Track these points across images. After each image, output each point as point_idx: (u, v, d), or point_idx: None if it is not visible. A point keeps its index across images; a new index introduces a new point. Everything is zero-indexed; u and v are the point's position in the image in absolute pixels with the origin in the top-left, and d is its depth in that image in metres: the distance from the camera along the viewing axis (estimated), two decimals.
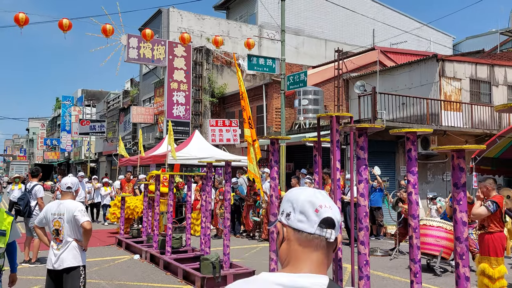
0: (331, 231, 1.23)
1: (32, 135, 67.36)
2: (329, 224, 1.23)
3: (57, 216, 4.29)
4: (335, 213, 1.25)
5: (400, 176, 14.27)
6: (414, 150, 3.66)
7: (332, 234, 1.23)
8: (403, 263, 8.58)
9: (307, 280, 1.16)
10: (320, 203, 1.24)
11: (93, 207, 15.79)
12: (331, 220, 1.23)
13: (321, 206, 1.23)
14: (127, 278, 7.31)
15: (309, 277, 1.17)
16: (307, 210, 1.24)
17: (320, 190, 1.30)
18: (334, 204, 1.27)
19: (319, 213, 1.23)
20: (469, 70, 16.28)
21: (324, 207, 1.23)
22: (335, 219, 1.24)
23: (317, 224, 1.22)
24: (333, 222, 1.23)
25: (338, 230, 1.24)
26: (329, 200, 1.26)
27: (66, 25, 11.61)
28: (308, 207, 1.24)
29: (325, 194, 1.29)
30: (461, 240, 2.97)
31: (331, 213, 1.23)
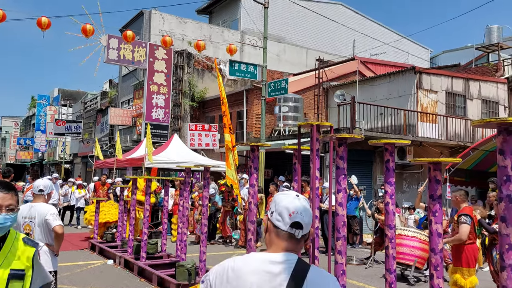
0: (299, 231, 1.67)
1: (5, 134, 65.48)
2: (298, 226, 1.66)
3: (28, 220, 4.14)
4: (304, 218, 1.67)
5: (376, 185, 14.47)
6: (392, 161, 3.70)
7: (299, 233, 1.67)
8: (378, 272, 8.66)
9: (279, 256, 1.64)
10: (294, 210, 1.66)
11: (65, 210, 15.40)
12: (300, 224, 1.66)
13: (294, 212, 1.66)
14: (100, 284, 7.14)
15: (282, 255, 1.65)
16: (283, 214, 1.67)
17: (300, 196, 1.71)
18: (306, 209, 1.68)
19: (291, 217, 1.66)
20: (445, 83, 16.70)
21: (296, 213, 1.66)
22: (303, 222, 1.66)
23: (289, 225, 1.66)
24: (301, 225, 1.66)
25: (306, 229, 1.68)
26: (303, 207, 1.68)
27: (45, 24, 11.35)
28: (284, 212, 1.67)
29: (303, 200, 1.71)
30: (435, 251, 3.01)
31: (300, 218, 1.66)
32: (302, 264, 1.65)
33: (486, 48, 22.88)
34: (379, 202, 9.38)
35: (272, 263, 1.63)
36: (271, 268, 1.62)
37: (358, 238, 11.91)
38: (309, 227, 1.69)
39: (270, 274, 1.61)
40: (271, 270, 1.61)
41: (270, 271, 1.61)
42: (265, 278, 1.61)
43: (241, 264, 1.66)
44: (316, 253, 4.40)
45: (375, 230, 9.52)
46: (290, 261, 1.63)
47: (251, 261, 1.65)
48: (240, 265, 1.65)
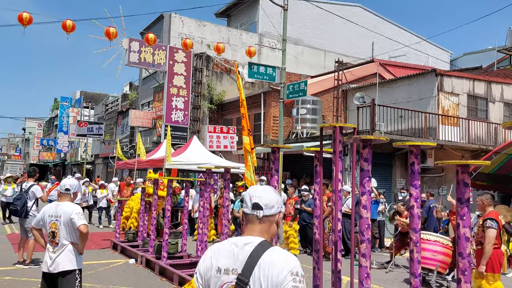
0: (259, 211, 1.88)
1: (28, 135, 66.97)
2: (257, 207, 1.88)
3: (54, 218, 4.23)
4: (262, 200, 1.89)
5: (396, 189, 14.31)
6: (418, 164, 3.68)
7: (259, 213, 1.88)
8: (398, 276, 8.57)
9: (245, 239, 1.85)
10: (253, 194, 1.91)
11: (83, 210, 15.69)
12: (258, 204, 1.88)
13: (253, 196, 1.90)
14: (123, 283, 7.26)
15: (247, 238, 1.85)
16: (247, 199, 1.92)
17: (265, 187, 1.96)
18: (266, 192, 1.92)
19: (251, 200, 1.90)
20: (467, 85, 16.43)
21: (255, 197, 1.90)
22: (261, 203, 1.88)
23: (251, 207, 1.89)
24: (260, 205, 1.88)
25: (267, 210, 1.88)
26: (262, 190, 1.92)
27: (69, 26, 11.61)
28: (247, 197, 1.92)
29: (265, 186, 1.98)
30: (463, 255, 2.99)
31: (258, 200, 1.89)
32: (262, 246, 1.80)
33: (508, 51, 22.43)
34: (400, 205, 9.28)
35: (236, 245, 1.83)
36: (234, 250, 1.82)
37: (377, 242, 11.80)
38: (271, 209, 1.88)
39: (233, 255, 1.82)
40: (234, 251, 1.82)
41: (234, 252, 1.82)
42: (229, 259, 1.82)
43: (218, 247, 1.91)
44: (338, 256, 4.39)
45: (395, 233, 9.43)
46: (253, 243, 1.81)
47: (225, 244, 1.89)
48: (217, 247, 1.91)
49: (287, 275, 1.72)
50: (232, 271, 1.80)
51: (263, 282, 1.73)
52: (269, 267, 1.73)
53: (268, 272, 1.73)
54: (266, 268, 1.73)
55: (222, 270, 1.82)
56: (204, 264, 1.89)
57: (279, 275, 1.72)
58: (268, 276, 1.72)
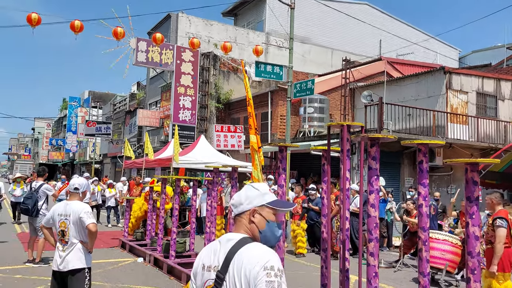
0: (233, 213, 1.92)
1: (38, 135, 67.59)
2: (232, 207, 1.93)
3: (63, 217, 4.27)
4: (233, 200, 1.92)
5: (404, 188, 14.23)
6: (426, 162, 3.66)
7: (233, 214, 1.92)
8: (407, 276, 8.53)
9: (229, 235, 1.85)
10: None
11: (92, 209, 15.80)
12: (231, 205, 1.93)
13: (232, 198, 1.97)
14: (131, 281, 7.31)
15: (231, 234, 1.86)
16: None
17: (248, 185, 1.94)
18: (237, 194, 1.91)
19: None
20: (476, 83, 16.28)
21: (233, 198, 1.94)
22: (231, 203, 1.92)
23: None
24: (231, 206, 1.95)
25: (236, 209, 1.89)
26: (239, 193, 1.91)
27: (78, 27, 11.69)
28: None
29: (246, 188, 1.93)
30: (473, 254, 2.96)
31: (230, 201, 1.96)
32: (241, 242, 1.79)
33: None
34: (409, 203, 9.23)
35: (220, 242, 1.86)
36: (217, 246, 1.84)
37: (385, 241, 11.75)
38: (238, 207, 1.89)
39: (215, 251, 1.84)
40: (217, 248, 1.84)
41: (216, 249, 1.84)
42: (212, 255, 1.85)
43: (208, 245, 1.94)
44: (346, 255, 4.38)
45: (404, 233, 9.38)
46: (234, 239, 1.81)
47: (213, 242, 1.93)
48: (207, 246, 1.94)
49: (260, 270, 1.65)
50: (213, 268, 1.80)
51: (237, 278, 1.70)
52: (243, 262, 1.70)
53: (241, 267, 1.69)
54: (240, 264, 1.71)
55: (206, 267, 1.84)
56: (195, 263, 1.94)
57: (251, 270, 1.66)
58: (241, 271, 1.69)
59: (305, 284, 7.30)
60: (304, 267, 9.07)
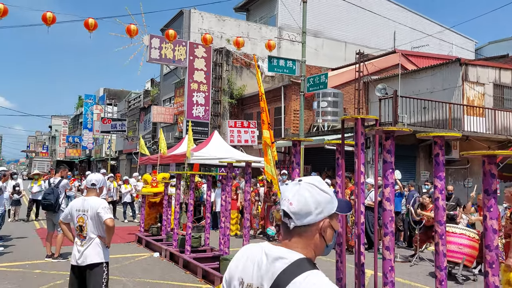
0: (288, 220, 1.42)
1: (55, 132, 68.68)
2: (286, 215, 1.42)
3: (81, 213, 4.33)
4: (293, 206, 1.41)
5: (420, 181, 14.08)
6: (442, 155, 3.61)
7: (289, 223, 1.42)
8: (423, 270, 8.46)
9: (279, 251, 1.40)
10: (284, 195, 1.44)
11: (109, 204, 16.01)
12: (284, 211, 1.43)
13: (283, 198, 1.44)
14: (148, 276, 7.40)
15: (282, 251, 1.40)
16: (280, 202, 1.47)
17: (300, 181, 1.46)
18: (296, 194, 1.42)
19: (281, 204, 1.45)
20: (493, 75, 15.98)
21: (284, 200, 1.44)
22: (289, 210, 1.41)
23: (282, 213, 1.45)
24: (288, 214, 1.42)
25: (298, 219, 1.40)
26: (292, 191, 1.43)
27: (92, 25, 11.81)
28: (281, 197, 1.48)
29: (295, 184, 1.45)
30: (491, 248, 2.92)
31: (285, 205, 1.42)
32: (298, 266, 1.35)
33: None
34: (424, 197, 9.13)
35: (267, 256, 1.41)
36: (263, 262, 1.41)
37: (402, 235, 11.66)
38: (305, 218, 1.41)
39: (261, 269, 1.41)
40: (262, 264, 1.41)
41: (262, 265, 1.41)
42: (255, 272, 1.42)
43: (248, 253, 1.50)
44: (361, 249, 4.37)
45: (419, 226, 9.29)
46: (287, 259, 1.37)
47: (256, 250, 1.47)
48: (247, 253, 1.51)
49: None
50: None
51: None
52: None
53: None
54: None
55: (245, 284, 1.45)
56: (229, 270, 1.54)
57: None
58: None
59: None
60: (318, 261, 9.07)
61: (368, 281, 6.85)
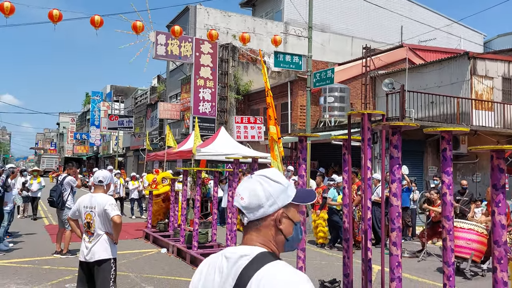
0: (242, 216, 1.37)
1: (62, 129, 69.21)
2: (239, 211, 1.38)
3: (89, 209, 4.37)
4: (243, 200, 1.35)
5: (428, 176, 13.99)
6: (450, 150, 3.58)
7: (243, 218, 1.37)
8: (431, 265, 8.42)
9: (241, 249, 1.33)
10: (237, 192, 1.39)
11: (115, 201, 16.06)
12: (238, 207, 1.38)
13: (236, 195, 1.39)
14: (155, 271, 7.45)
15: (243, 248, 1.34)
16: None
17: (254, 177, 1.39)
18: (246, 188, 1.36)
19: (235, 201, 1.40)
20: (502, 68, 15.80)
21: (236, 196, 1.39)
22: (239, 205, 1.36)
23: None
24: (239, 209, 1.37)
25: (251, 213, 1.35)
26: (243, 186, 1.37)
27: (98, 22, 11.84)
28: None
29: (249, 178, 1.39)
30: (499, 243, 2.90)
31: (236, 201, 1.38)
32: (259, 260, 1.28)
33: None
34: (432, 192, 9.08)
35: (228, 258, 1.33)
36: (222, 263, 1.34)
37: (410, 231, 11.61)
38: (256, 212, 1.34)
39: (220, 270, 1.34)
40: (221, 265, 1.34)
41: (221, 266, 1.34)
42: (214, 275, 1.34)
43: (210, 260, 1.41)
44: (368, 245, 4.35)
45: (427, 222, 9.25)
46: (248, 256, 1.29)
47: (217, 257, 1.38)
48: (209, 261, 1.41)
49: None
50: None
51: None
52: None
53: None
54: None
55: None
56: (192, 285, 1.42)
57: None
58: None
59: (328, 274, 7.30)
60: (326, 257, 9.06)
61: (375, 277, 6.84)
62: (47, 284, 6.57)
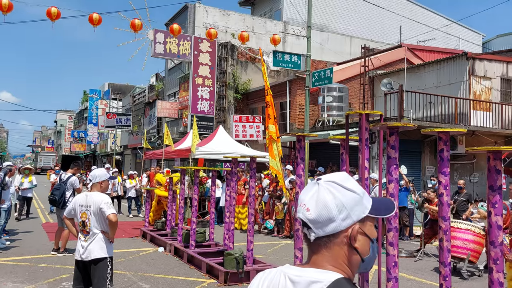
0: (308, 231, 1.13)
1: (60, 127, 69.09)
2: (305, 225, 1.14)
3: (84, 208, 4.36)
4: (309, 212, 1.12)
5: (426, 176, 14.02)
6: (447, 150, 3.58)
7: (309, 234, 1.13)
8: (428, 265, 8.44)
9: (310, 274, 1.09)
10: (300, 202, 1.16)
11: (113, 200, 16.02)
12: (302, 221, 1.14)
13: (300, 204, 1.15)
14: (152, 270, 7.44)
15: (312, 272, 1.09)
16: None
17: (319, 180, 1.16)
18: (313, 198, 1.13)
19: (298, 212, 1.16)
20: (500, 69, 15.82)
21: (300, 206, 1.15)
22: (304, 218, 1.12)
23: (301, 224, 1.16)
24: (305, 223, 1.13)
25: (320, 230, 1.11)
26: (310, 195, 1.14)
27: (96, 20, 11.81)
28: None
29: (313, 184, 1.16)
30: (495, 244, 2.90)
31: (301, 212, 1.14)
32: None
33: None
34: (430, 191, 9.09)
35: (290, 280, 1.11)
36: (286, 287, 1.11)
37: (408, 230, 11.63)
38: (326, 226, 1.11)
39: None
40: None
41: None
42: None
43: (268, 284, 1.15)
44: None
45: (425, 222, 9.26)
46: (321, 283, 1.06)
47: (279, 277, 1.13)
48: (267, 283, 1.16)
49: None
50: None
51: None
52: None
53: None
54: None
55: None
56: None
57: None
58: None
59: None
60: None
61: (372, 277, 6.85)
62: (44, 283, 6.56)
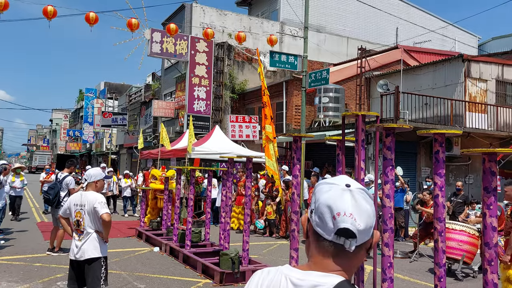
0: (350, 241, 1.09)
1: (55, 126, 68.78)
2: (348, 235, 1.08)
3: (79, 207, 4.35)
4: (358, 221, 1.08)
5: (421, 178, 14.07)
6: (442, 152, 3.59)
7: (350, 244, 1.09)
8: (422, 266, 8.47)
9: (315, 278, 1.08)
10: (339, 210, 1.09)
11: (108, 199, 15.92)
12: (349, 231, 1.08)
13: (339, 214, 1.09)
14: (147, 270, 7.42)
15: (318, 277, 1.08)
16: (325, 215, 1.11)
17: (352, 185, 1.13)
18: (361, 207, 1.10)
19: (336, 221, 1.09)
20: (496, 71, 15.91)
21: (343, 215, 1.08)
22: (355, 229, 1.08)
23: (333, 233, 1.10)
24: (352, 233, 1.08)
25: (362, 237, 1.10)
26: (355, 203, 1.10)
27: (92, 19, 11.77)
28: (326, 211, 1.11)
29: (357, 192, 1.12)
30: (490, 246, 2.91)
31: (349, 223, 1.08)
32: None
33: None
34: (425, 193, 9.12)
35: (291, 283, 1.10)
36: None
37: (403, 231, 11.66)
38: (367, 234, 1.11)
39: None
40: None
41: None
42: None
43: (267, 284, 1.15)
44: None
45: (419, 223, 9.29)
46: (324, 286, 1.06)
47: (279, 278, 1.13)
48: (266, 284, 1.15)
49: None
50: None
51: None
52: None
53: None
54: None
55: None
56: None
57: None
58: None
59: None
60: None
61: (367, 277, 6.86)
62: (39, 282, 6.53)
